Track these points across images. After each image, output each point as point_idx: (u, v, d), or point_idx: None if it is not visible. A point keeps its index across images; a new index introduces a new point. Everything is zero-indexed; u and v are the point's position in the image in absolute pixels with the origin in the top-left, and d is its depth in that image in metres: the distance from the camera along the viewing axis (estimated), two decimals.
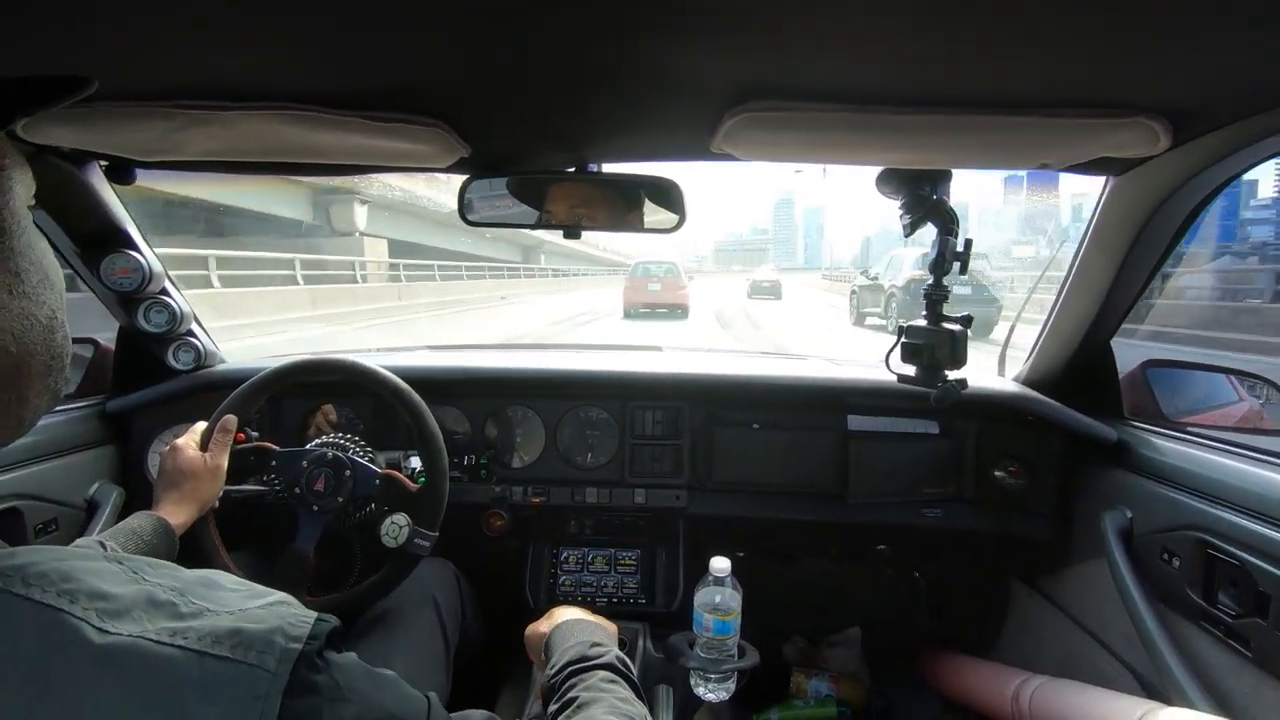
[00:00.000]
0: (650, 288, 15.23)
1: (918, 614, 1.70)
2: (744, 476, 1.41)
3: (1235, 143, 0.87)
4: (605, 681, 0.69)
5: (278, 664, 0.38)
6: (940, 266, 1.07)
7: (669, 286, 15.14)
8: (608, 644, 0.78)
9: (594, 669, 0.71)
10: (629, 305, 15.22)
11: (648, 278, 15.45)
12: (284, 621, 0.40)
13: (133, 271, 1.23)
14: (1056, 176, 1.38)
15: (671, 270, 15.64)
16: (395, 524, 1.06)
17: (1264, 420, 1.23)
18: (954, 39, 0.63)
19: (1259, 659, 0.89)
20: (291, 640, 0.39)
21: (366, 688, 0.44)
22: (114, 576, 0.40)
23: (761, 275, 28.16)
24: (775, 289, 25.43)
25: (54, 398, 0.49)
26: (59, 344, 0.48)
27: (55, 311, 0.47)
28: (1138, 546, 1.12)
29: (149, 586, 0.40)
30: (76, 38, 0.63)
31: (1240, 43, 0.63)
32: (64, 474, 1.20)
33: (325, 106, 0.82)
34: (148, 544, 0.91)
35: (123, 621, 0.37)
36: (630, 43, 0.67)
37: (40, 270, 0.46)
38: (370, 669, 0.46)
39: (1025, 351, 1.42)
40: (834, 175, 25.01)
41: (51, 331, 0.46)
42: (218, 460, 1.05)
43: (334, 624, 0.43)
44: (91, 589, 0.38)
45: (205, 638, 0.38)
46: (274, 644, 0.39)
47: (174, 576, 0.42)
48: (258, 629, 0.39)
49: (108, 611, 0.37)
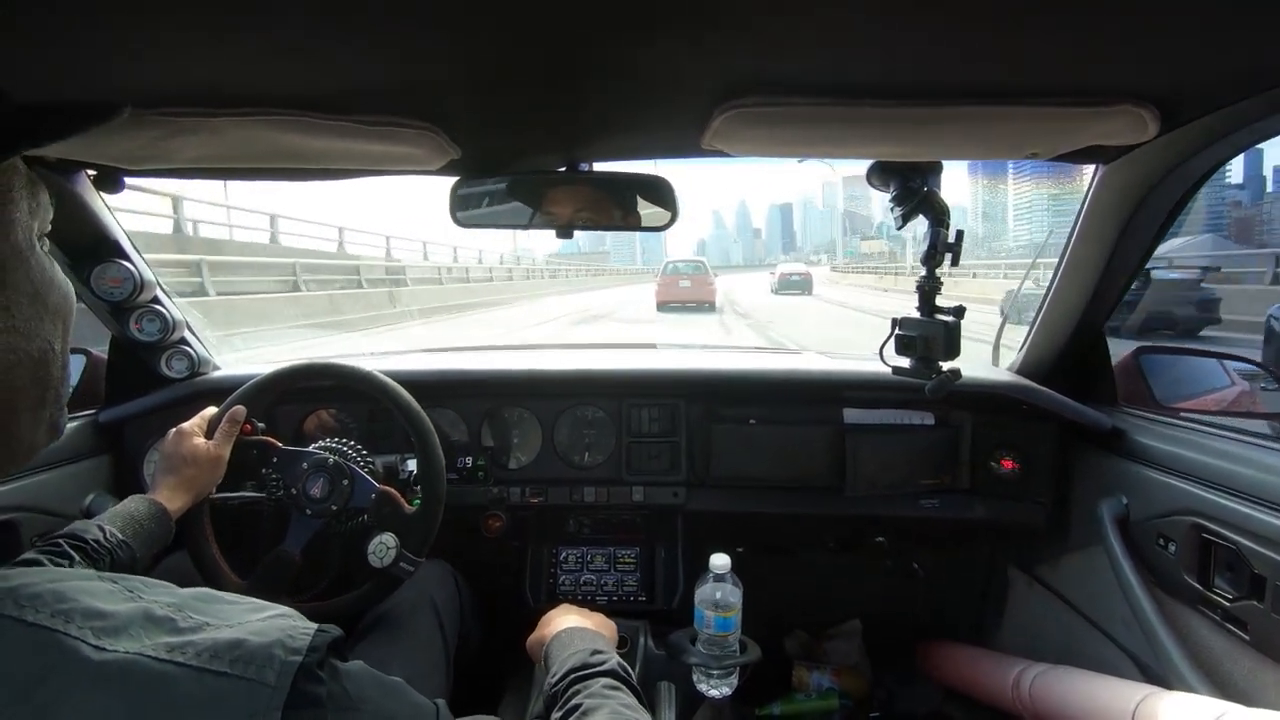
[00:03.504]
0: (681, 284, 16.63)
1: (917, 605, 1.71)
2: (741, 471, 1.41)
3: (1223, 128, 0.87)
4: (607, 688, 0.70)
5: (277, 677, 0.38)
6: (932, 258, 1.07)
7: (698, 283, 16.55)
8: (608, 651, 0.78)
9: (596, 676, 0.72)
10: (662, 301, 16.34)
11: (678, 275, 16.89)
12: (284, 634, 0.40)
13: (123, 281, 1.22)
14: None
15: (700, 268, 17.23)
16: (384, 544, 1.05)
17: (1255, 404, 1.24)
18: (942, 30, 0.63)
19: (1256, 641, 0.90)
20: (291, 653, 0.39)
21: (376, 695, 0.43)
22: (110, 595, 0.40)
23: (789, 269, 27.47)
24: (806, 283, 24.67)
25: (52, 430, 0.48)
26: (54, 377, 0.46)
27: (52, 343, 0.46)
28: (1134, 533, 1.13)
29: (145, 603, 0.40)
30: (61, 46, 0.63)
31: (1226, 28, 0.63)
32: (59, 485, 1.19)
33: (314, 111, 0.82)
34: (145, 529, 0.91)
35: (120, 639, 0.37)
36: (618, 41, 0.66)
37: (39, 302, 0.44)
38: (379, 676, 0.45)
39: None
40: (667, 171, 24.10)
41: (44, 365, 0.45)
42: (221, 450, 1.05)
43: (335, 634, 0.42)
44: (87, 608, 0.38)
45: (204, 653, 0.37)
46: (274, 657, 0.38)
47: (171, 593, 0.42)
48: (257, 642, 0.39)
49: (104, 630, 0.37)
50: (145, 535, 0.91)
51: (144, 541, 0.90)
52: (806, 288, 24.40)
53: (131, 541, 0.88)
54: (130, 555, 0.87)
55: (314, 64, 0.71)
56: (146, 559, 0.91)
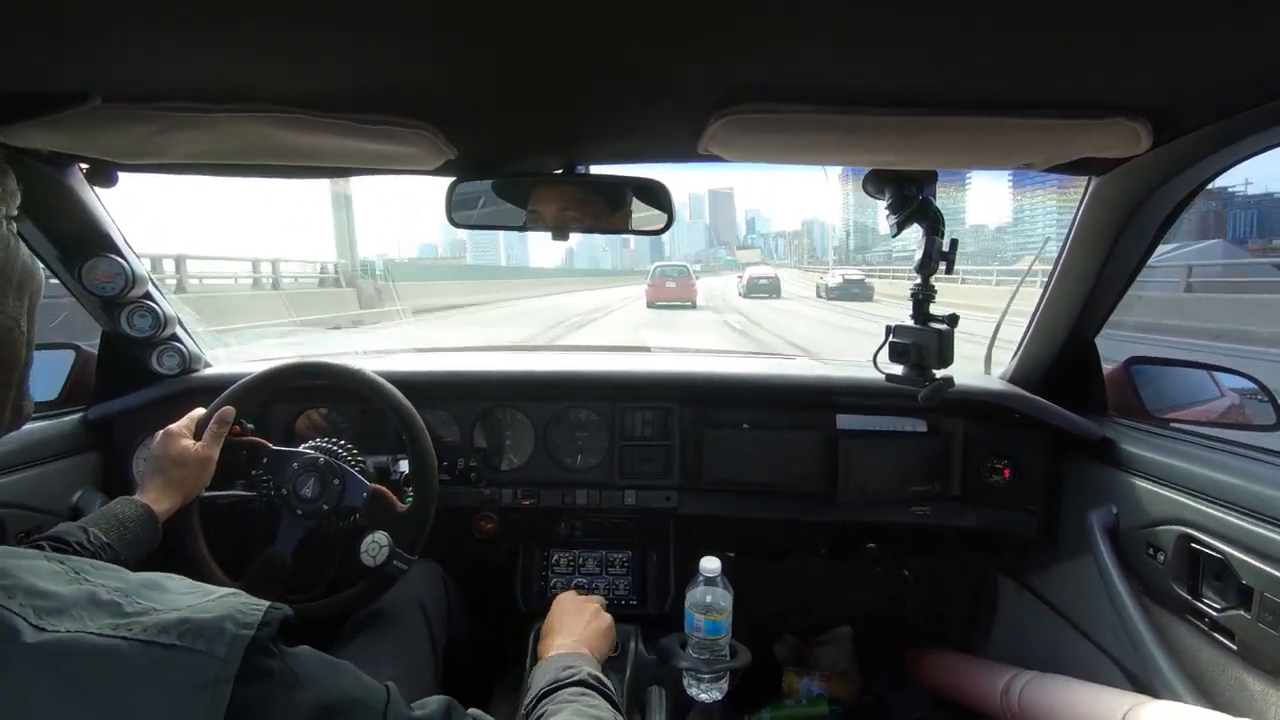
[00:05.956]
0: (668, 285, 19.49)
1: (907, 611, 1.71)
2: (734, 476, 1.41)
3: (1214, 142, 0.88)
4: (573, 695, 0.74)
5: (228, 650, 0.37)
6: (927, 266, 1.07)
7: (682, 284, 19.46)
8: (579, 665, 0.81)
9: (563, 688, 0.75)
10: (652, 299, 19.20)
11: (665, 277, 19.81)
12: (234, 610, 0.39)
13: (115, 276, 1.21)
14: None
15: (683, 271, 20.40)
16: (376, 542, 1.05)
17: (1245, 415, 1.24)
18: (938, 41, 0.64)
19: (1243, 651, 0.91)
20: (243, 627, 0.38)
21: (323, 673, 0.43)
22: (54, 576, 0.39)
23: (758, 272, 27.05)
24: (774, 287, 24.44)
25: (15, 414, 0.47)
26: (18, 357, 0.46)
27: (18, 320, 0.45)
28: (1124, 542, 1.13)
29: (91, 586, 0.39)
30: (56, 40, 0.63)
31: (1218, 43, 0.64)
32: (46, 482, 1.18)
33: (311, 109, 0.82)
34: (130, 531, 0.90)
35: (61, 619, 0.36)
36: (617, 45, 0.67)
37: (3, 279, 0.44)
38: (326, 657, 0.45)
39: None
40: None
41: (10, 344, 0.45)
42: (210, 450, 1.04)
43: (286, 612, 0.42)
44: (30, 586, 0.37)
45: (151, 629, 0.36)
46: (224, 630, 0.38)
47: (118, 578, 0.41)
48: (207, 617, 0.38)
49: (46, 610, 0.36)
50: (131, 537, 0.89)
51: (129, 544, 0.89)
52: (775, 290, 24.21)
53: (116, 544, 0.87)
54: (114, 558, 0.86)
55: (311, 61, 0.70)
56: (132, 562, 0.89)
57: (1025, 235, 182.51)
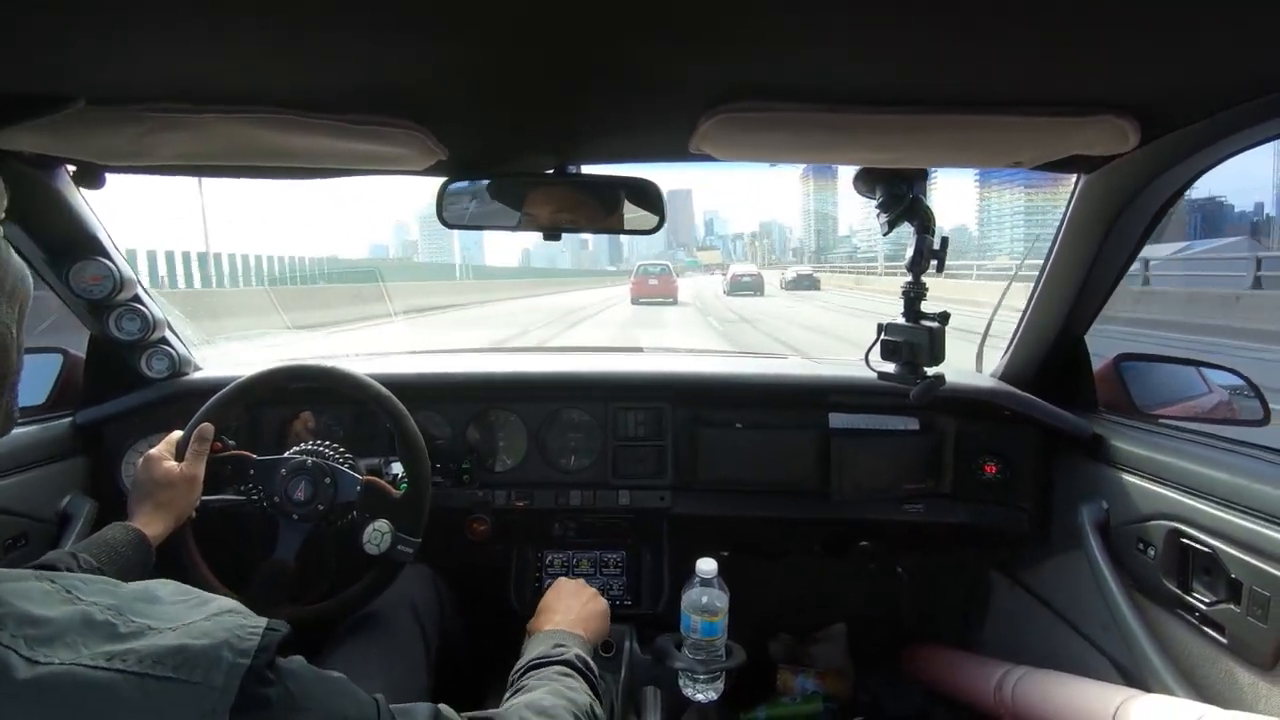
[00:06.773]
0: (650, 282, 21.10)
1: (901, 608, 1.72)
2: (728, 475, 1.42)
3: (1202, 139, 0.88)
4: (556, 674, 0.77)
5: (225, 679, 0.37)
6: (918, 264, 1.08)
7: (664, 282, 21.15)
8: (570, 645, 0.85)
9: (550, 664, 0.78)
10: (635, 295, 20.74)
11: (648, 275, 21.49)
12: (231, 634, 0.39)
13: (103, 278, 1.20)
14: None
15: (665, 270, 21.93)
16: (378, 530, 1.04)
17: (1233, 411, 1.25)
18: (929, 39, 0.64)
19: (1233, 645, 0.91)
20: (239, 655, 0.38)
21: (320, 693, 0.43)
22: (45, 598, 0.38)
23: (740, 270, 27.55)
24: (758, 284, 24.76)
25: (6, 419, 0.47)
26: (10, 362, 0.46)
27: (9, 326, 0.45)
28: (1114, 537, 1.14)
29: (84, 606, 0.38)
30: (41, 42, 0.62)
31: (1206, 41, 0.64)
32: (33, 487, 1.17)
33: (300, 110, 0.81)
34: (122, 556, 0.88)
35: (55, 648, 0.35)
36: (608, 44, 0.67)
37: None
38: (320, 672, 0.45)
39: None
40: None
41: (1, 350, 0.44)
42: (194, 470, 1.02)
43: (284, 632, 0.41)
44: (21, 614, 0.36)
45: (146, 659, 0.36)
46: (221, 659, 0.37)
47: (111, 593, 0.40)
48: (202, 645, 0.38)
49: (38, 639, 0.35)
50: (123, 563, 0.88)
51: (121, 569, 0.87)
52: (759, 288, 24.49)
53: (108, 569, 0.85)
54: None
55: (300, 62, 0.70)
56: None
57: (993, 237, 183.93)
